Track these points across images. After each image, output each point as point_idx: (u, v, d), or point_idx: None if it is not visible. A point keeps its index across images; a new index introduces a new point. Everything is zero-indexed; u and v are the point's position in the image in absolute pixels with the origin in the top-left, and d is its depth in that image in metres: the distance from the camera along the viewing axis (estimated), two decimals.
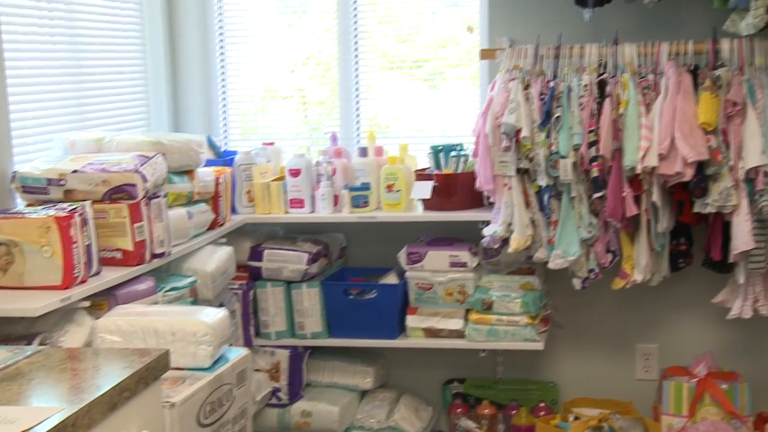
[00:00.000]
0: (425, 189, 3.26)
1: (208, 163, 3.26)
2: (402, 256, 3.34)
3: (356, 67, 3.68)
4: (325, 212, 3.36)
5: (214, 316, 2.38)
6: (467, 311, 3.29)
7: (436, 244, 3.35)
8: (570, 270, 3.14)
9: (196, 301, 2.86)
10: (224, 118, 3.84)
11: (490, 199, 3.22)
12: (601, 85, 3.02)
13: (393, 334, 3.36)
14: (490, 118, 3.08)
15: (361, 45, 3.67)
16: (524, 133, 3.02)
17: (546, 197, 3.08)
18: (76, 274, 2.39)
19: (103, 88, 3.40)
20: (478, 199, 3.28)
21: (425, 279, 3.32)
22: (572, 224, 3.06)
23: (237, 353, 2.42)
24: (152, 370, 1.79)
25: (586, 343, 3.55)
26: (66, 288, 2.37)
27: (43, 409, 1.53)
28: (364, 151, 3.41)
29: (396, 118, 3.72)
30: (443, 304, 3.32)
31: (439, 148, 3.36)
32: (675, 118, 2.90)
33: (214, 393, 2.24)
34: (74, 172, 2.60)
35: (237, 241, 3.33)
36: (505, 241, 3.15)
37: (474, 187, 3.20)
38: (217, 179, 3.18)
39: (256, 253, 3.38)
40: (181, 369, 2.25)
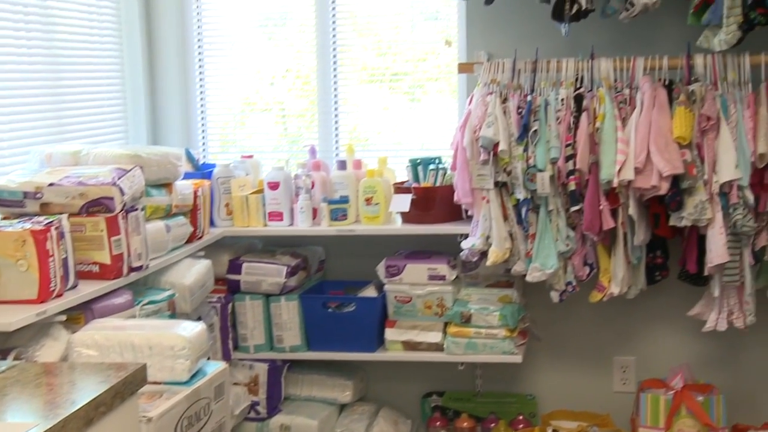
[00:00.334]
0: (404, 202, 3.27)
1: (187, 176, 3.25)
2: (381, 269, 3.34)
3: (335, 81, 3.69)
4: (303, 225, 3.36)
5: (191, 329, 2.37)
6: (446, 324, 3.30)
7: (415, 257, 3.36)
8: (548, 283, 3.16)
9: (174, 314, 2.84)
10: (203, 131, 3.84)
11: (469, 213, 3.23)
12: (578, 99, 3.04)
13: (372, 347, 3.36)
14: (468, 131, 3.10)
15: (340, 58, 3.68)
16: (502, 147, 3.04)
17: (524, 210, 3.10)
18: (52, 288, 2.38)
19: (81, 100, 3.39)
20: (456, 212, 3.29)
21: (404, 292, 3.32)
22: (550, 237, 3.08)
23: (215, 367, 2.41)
24: (129, 385, 1.78)
25: (565, 356, 3.56)
26: (42, 302, 2.35)
27: (18, 425, 1.52)
28: (342, 164, 3.42)
29: (375, 131, 3.73)
30: (422, 317, 3.32)
31: (418, 161, 3.37)
32: (650, 132, 2.93)
33: (191, 407, 2.23)
34: (51, 185, 2.59)
35: (215, 254, 3.32)
36: (484, 254, 3.16)
37: (452, 200, 3.21)
38: (196, 192, 3.17)
39: (235, 266, 3.38)
40: (159, 383, 2.23)
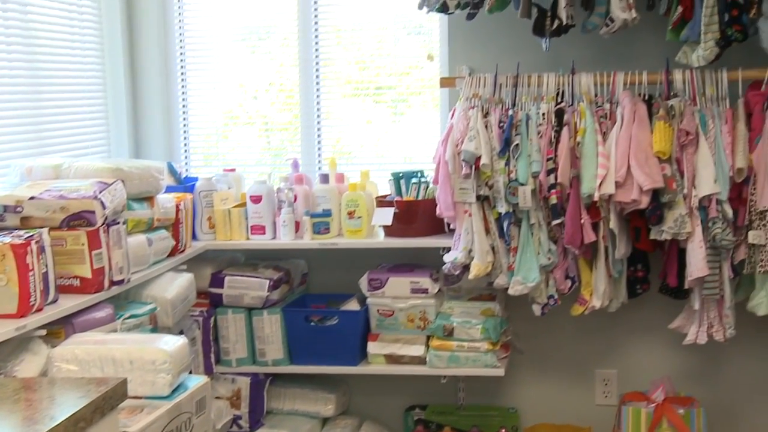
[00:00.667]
0: (386, 215, 3.28)
1: (169, 190, 3.24)
2: (363, 283, 3.35)
3: (317, 94, 3.70)
4: (286, 239, 3.36)
5: (173, 343, 2.36)
6: (428, 337, 3.30)
7: (398, 270, 3.37)
8: (530, 296, 3.17)
9: (156, 328, 2.84)
10: (185, 144, 3.84)
11: (451, 226, 3.24)
12: (559, 113, 3.06)
13: (354, 360, 3.35)
14: (450, 145, 3.11)
15: (323, 72, 3.69)
16: (484, 161, 3.06)
17: (506, 224, 3.12)
18: (32, 303, 2.36)
19: (62, 113, 3.38)
20: (438, 226, 3.30)
21: (386, 305, 3.32)
22: (532, 251, 3.10)
23: (196, 381, 2.41)
24: (109, 400, 1.77)
25: (547, 369, 3.57)
26: (21, 316, 2.33)
27: None
28: (325, 178, 3.42)
29: (359, 145, 3.74)
30: (404, 331, 3.32)
31: (400, 174, 3.38)
32: (631, 146, 2.95)
33: (172, 422, 2.22)
34: (31, 198, 2.57)
35: (198, 268, 3.31)
36: (466, 268, 3.17)
37: (435, 213, 3.22)
38: (178, 206, 3.17)
39: (217, 280, 3.37)
40: (140, 398, 2.22)
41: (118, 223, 2.69)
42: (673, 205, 2.94)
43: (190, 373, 2.49)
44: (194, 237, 3.38)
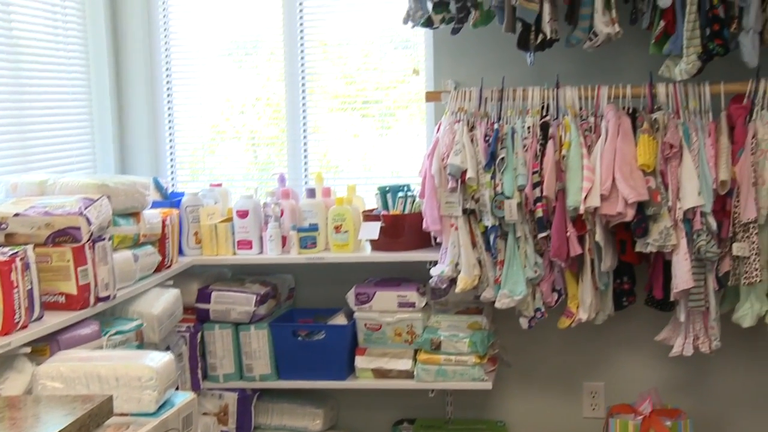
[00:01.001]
0: (373, 230, 3.28)
1: (155, 205, 3.24)
2: (350, 297, 3.34)
3: (304, 109, 3.71)
4: (273, 253, 3.35)
5: (159, 360, 2.35)
6: (416, 351, 3.30)
7: (384, 284, 3.37)
8: (517, 309, 3.17)
9: (142, 344, 2.82)
10: (171, 159, 3.83)
11: (438, 240, 3.25)
12: (544, 127, 3.08)
13: (342, 375, 3.35)
14: (436, 159, 3.13)
15: (309, 86, 3.70)
16: (470, 174, 3.07)
17: (492, 237, 3.12)
18: (17, 320, 2.35)
19: (47, 129, 3.37)
20: (425, 240, 3.31)
21: (374, 319, 3.32)
22: (518, 264, 3.11)
23: (183, 397, 2.40)
24: (95, 417, 1.76)
25: (534, 382, 3.57)
26: (6, 334, 2.32)
27: None
28: (312, 192, 3.43)
29: (346, 159, 3.75)
30: (392, 345, 3.32)
31: (387, 188, 3.39)
32: (616, 159, 2.97)
33: None
34: (16, 215, 2.56)
35: (184, 283, 3.30)
36: (453, 281, 3.17)
37: (421, 227, 3.23)
38: (164, 221, 3.16)
39: (204, 295, 3.36)
40: (126, 415, 2.21)
41: (103, 239, 2.68)
42: (658, 218, 2.96)
43: (177, 389, 2.48)
44: (181, 252, 3.38)
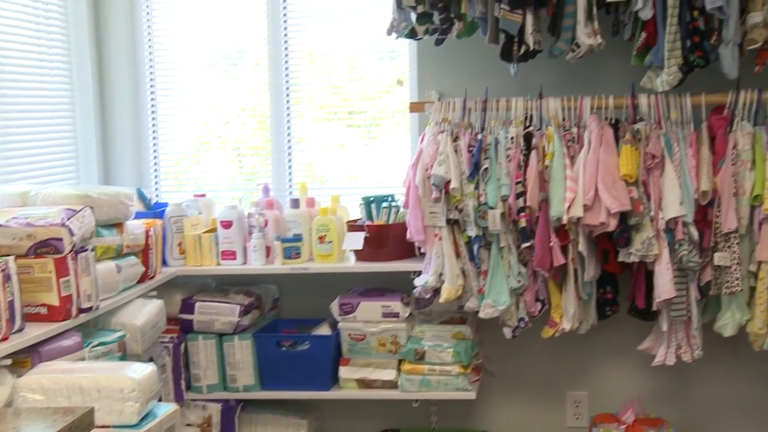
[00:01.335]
0: (357, 240, 3.29)
1: (139, 216, 3.23)
2: (334, 307, 3.34)
3: (288, 119, 3.71)
4: (257, 264, 3.35)
5: (141, 371, 2.35)
6: (400, 361, 3.30)
7: (369, 294, 3.37)
8: (500, 319, 3.18)
9: (125, 356, 2.81)
10: (156, 169, 3.82)
11: (421, 250, 3.25)
12: (528, 137, 3.10)
13: (326, 385, 3.34)
14: (420, 169, 3.13)
15: (293, 96, 3.71)
16: (453, 185, 3.08)
17: (476, 247, 3.13)
18: None
19: (30, 140, 3.36)
20: (409, 250, 3.31)
21: (358, 330, 3.32)
22: (502, 274, 3.11)
23: (165, 409, 2.40)
24: (76, 429, 1.75)
25: (518, 392, 3.58)
26: None
27: None
28: (296, 203, 3.43)
29: (331, 169, 3.75)
30: (376, 355, 3.32)
31: (371, 199, 3.40)
32: (598, 170, 2.99)
33: None
34: None
35: (168, 294, 3.30)
36: (437, 291, 3.18)
37: (405, 237, 3.23)
38: (148, 232, 3.15)
39: (188, 306, 3.35)
40: (107, 427, 2.21)
41: (86, 250, 2.67)
42: (640, 228, 2.97)
43: (160, 400, 2.47)
44: (164, 263, 3.37)
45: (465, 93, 3.20)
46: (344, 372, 3.33)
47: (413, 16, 3.16)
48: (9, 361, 2.35)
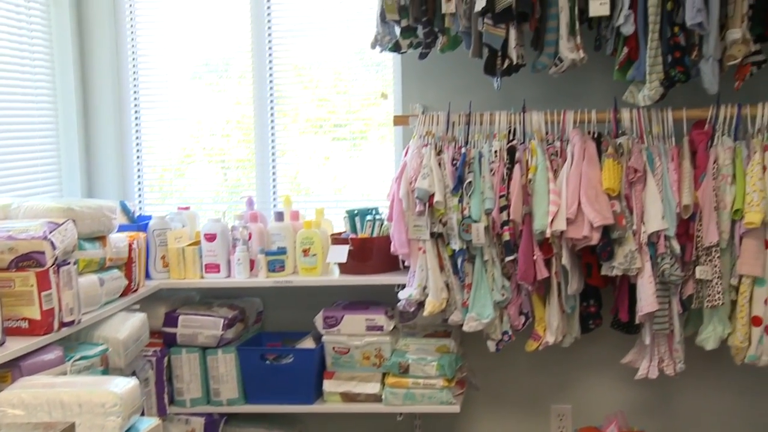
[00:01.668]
0: (341, 253, 3.29)
1: (122, 229, 3.22)
2: (318, 321, 3.34)
3: (272, 131, 3.71)
4: (241, 277, 3.34)
5: (123, 385, 2.33)
6: (384, 375, 3.30)
7: (353, 307, 3.37)
8: (484, 332, 3.19)
9: (107, 369, 2.80)
10: (139, 182, 3.81)
11: (405, 263, 3.26)
12: (511, 151, 3.11)
13: (310, 399, 3.33)
14: (404, 183, 3.14)
15: (278, 109, 3.71)
16: (437, 198, 3.09)
17: (459, 261, 3.14)
18: None
19: (12, 152, 3.34)
20: (393, 263, 3.31)
21: (342, 343, 3.32)
22: (486, 287, 3.12)
23: (148, 423, 2.37)
24: None
25: (502, 405, 3.58)
26: None
27: None
28: (280, 216, 3.42)
29: (316, 181, 3.75)
30: (360, 368, 3.32)
31: (355, 212, 3.40)
32: (581, 183, 3.00)
33: None
34: None
35: (151, 307, 3.28)
36: (421, 304, 3.18)
37: (389, 251, 3.23)
38: (131, 245, 3.14)
39: (171, 319, 3.34)
40: None
41: (68, 264, 2.66)
42: (623, 241, 2.99)
43: (142, 414, 2.45)
44: (148, 276, 3.36)
45: (449, 106, 3.22)
46: (328, 385, 3.33)
47: (397, 30, 3.18)
48: None
